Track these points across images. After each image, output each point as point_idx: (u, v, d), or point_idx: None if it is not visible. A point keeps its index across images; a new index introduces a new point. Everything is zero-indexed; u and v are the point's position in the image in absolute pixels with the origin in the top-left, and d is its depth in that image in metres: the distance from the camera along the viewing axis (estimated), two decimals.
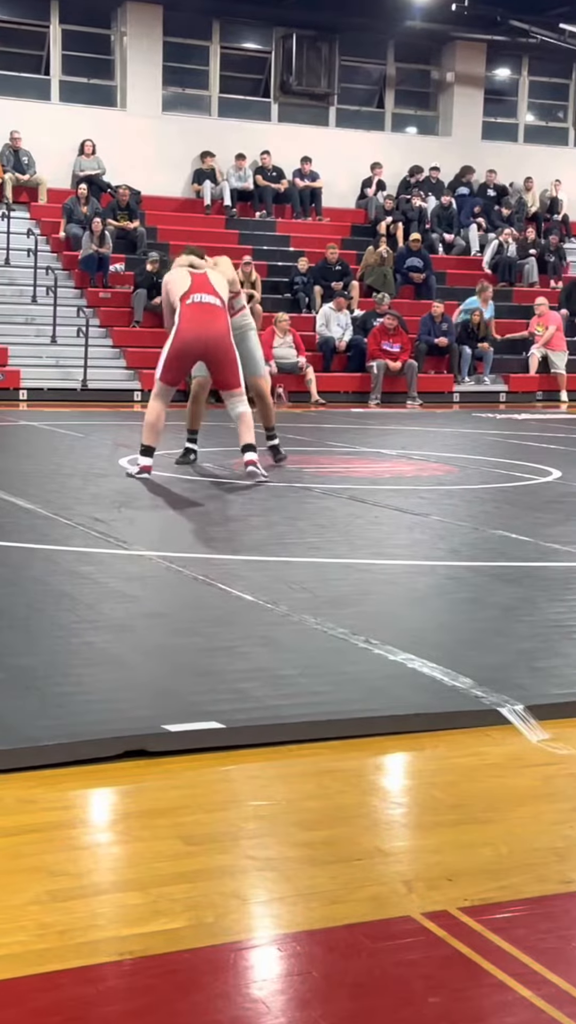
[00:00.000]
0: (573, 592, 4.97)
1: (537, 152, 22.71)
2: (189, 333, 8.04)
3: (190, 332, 8.04)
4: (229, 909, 2.26)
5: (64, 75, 19.95)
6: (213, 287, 8.22)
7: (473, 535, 6.27)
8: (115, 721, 3.18)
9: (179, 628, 4.20)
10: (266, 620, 4.29)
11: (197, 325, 8.04)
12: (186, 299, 8.13)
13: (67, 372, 16.36)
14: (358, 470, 9.18)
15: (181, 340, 8.05)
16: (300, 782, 2.93)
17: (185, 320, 8.06)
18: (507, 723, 3.31)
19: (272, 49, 21.08)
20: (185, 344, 8.05)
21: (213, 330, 8.03)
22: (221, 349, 8.09)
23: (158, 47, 20.08)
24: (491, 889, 2.36)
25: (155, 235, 18.92)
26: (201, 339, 8.03)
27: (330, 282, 18.53)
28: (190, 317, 8.06)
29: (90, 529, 6.00)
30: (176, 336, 8.09)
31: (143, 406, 15.68)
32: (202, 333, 8.03)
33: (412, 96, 22.49)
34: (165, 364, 8.18)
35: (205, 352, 8.14)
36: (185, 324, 8.05)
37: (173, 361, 8.16)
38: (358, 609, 4.49)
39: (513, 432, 13.11)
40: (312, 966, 2.07)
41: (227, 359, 8.15)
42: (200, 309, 8.07)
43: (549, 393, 18.67)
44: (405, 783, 3.10)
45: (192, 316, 8.06)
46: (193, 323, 8.04)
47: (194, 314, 8.06)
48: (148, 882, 2.36)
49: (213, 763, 3.02)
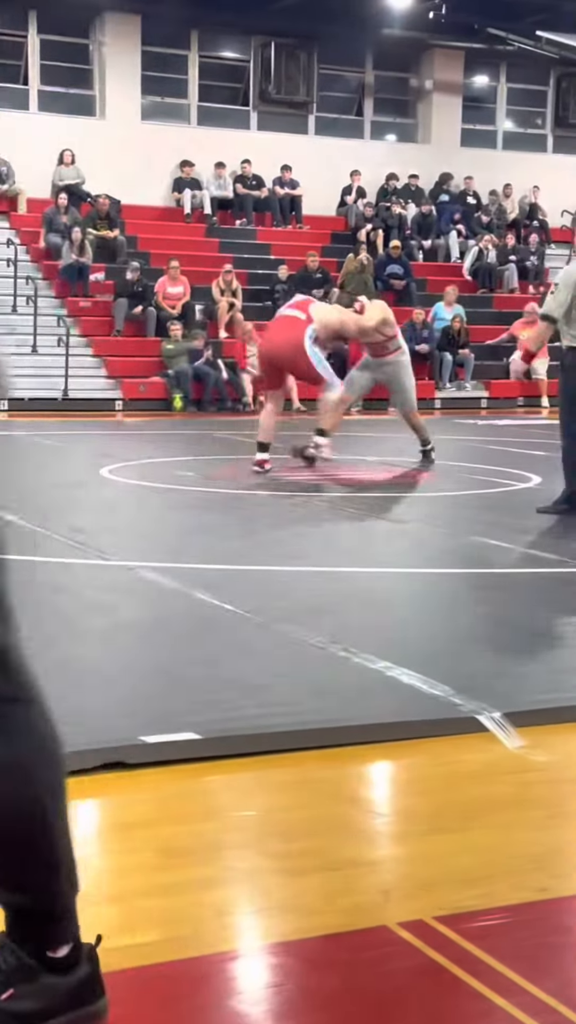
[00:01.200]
0: (552, 599, 4.98)
1: (515, 159, 22.78)
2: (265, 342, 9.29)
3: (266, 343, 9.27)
4: (205, 921, 2.25)
5: (43, 85, 19.94)
6: (298, 303, 9.29)
7: (453, 542, 6.28)
8: (92, 733, 3.17)
9: (157, 638, 4.20)
10: (245, 629, 4.29)
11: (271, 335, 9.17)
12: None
13: (48, 382, 16.31)
14: (339, 477, 9.19)
15: (262, 350, 9.49)
16: (278, 792, 2.93)
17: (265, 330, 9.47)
18: (485, 731, 3.32)
19: (251, 58, 21.10)
20: (264, 352, 9.30)
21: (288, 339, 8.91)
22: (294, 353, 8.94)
23: (136, 56, 20.08)
24: (468, 898, 2.36)
25: (135, 244, 18.91)
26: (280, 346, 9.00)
27: (310, 290, 18.50)
28: (268, 327, 9.42)
29: (70, 540, 5.99)
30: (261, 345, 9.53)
31: (124, 415, 15.73)
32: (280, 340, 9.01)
33: (391, 104, 22.55)
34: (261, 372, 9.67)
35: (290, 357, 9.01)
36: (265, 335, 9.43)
37: (264, 369, 9.61)
38: (337, 618, 4.50)
39: (494, 438, 13.14)
40: (288, 978, 2.07)
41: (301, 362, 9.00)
42: (280, 321, 9.15)
43: (530, 399, 18.72)
44: (383, 792, 3.11)
45: (271, 326, 9.29)
46: (269, 333, 9.22)
47: (273, 325, 9.25)
48: (124, 895, 2.36)
49: (190, 774, 3.01)
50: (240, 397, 16.58)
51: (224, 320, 17.66)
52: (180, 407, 16.13)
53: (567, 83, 23.05)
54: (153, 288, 17.44)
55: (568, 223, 22.70)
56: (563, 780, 3.04)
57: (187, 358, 16.42)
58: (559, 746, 3.26)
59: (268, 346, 9.16)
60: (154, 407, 16.24)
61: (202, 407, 16.31)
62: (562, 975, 2.09)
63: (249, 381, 16.63)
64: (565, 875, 2.49)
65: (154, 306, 17.28)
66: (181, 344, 16.55)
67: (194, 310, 17.48)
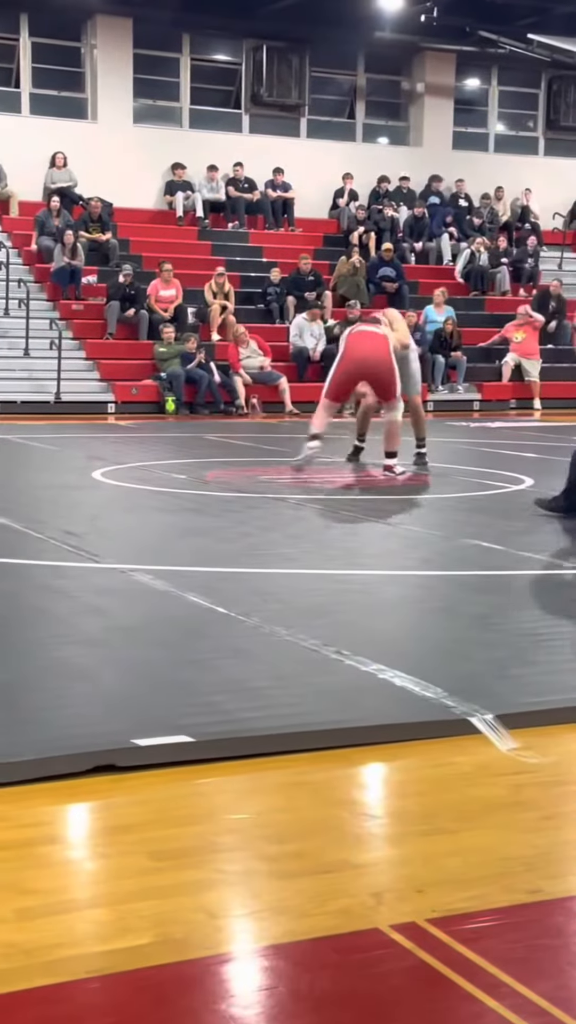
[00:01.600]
0: (545, 601, 4.99)
1: (507, 161, 22.81)
2: (357, 352, 9.18)
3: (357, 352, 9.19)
4: (197, 924, 2.25)
5: (35, 88, 19.93)
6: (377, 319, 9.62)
7: (445, 544, 6.28)
8: (85, 736, 3.17)
9: (150, 641, 4.20)
10: (238, 632, 4.28)
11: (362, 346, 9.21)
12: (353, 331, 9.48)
13: (40, 385, 16.31)
14: (332, 480, 9.19)
15: (349, 358, 9.19)
16: (270, 795, 2.93)
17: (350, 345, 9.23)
18: (478, 733, 3.32)
19: (242, 61, 21.11)
20: (352, 362, 9.20)
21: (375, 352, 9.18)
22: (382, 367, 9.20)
23: (128, 59, 20.08)
24: (460, 900, 2.36)
25: (127, 247, 18.91)
26: (368, 358, 9.17)
27: (303, 292, 18.56)
28: (353, 341, 9.23)
29: (62, 543, 5.98)
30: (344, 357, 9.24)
31: (117, 418, 15.71)
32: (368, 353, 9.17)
33: (383, 107, 22.57)
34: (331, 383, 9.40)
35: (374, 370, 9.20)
36: (351, 347, 9.20)
37: (342, 379, 9.32)
38: (330, 620, 4.50)
39: (486, 440, 13.15)
40: (279, 980, 2.07)
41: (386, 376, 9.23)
42: (366, 334, 9.31)
43: (523, 401, 18.73)
44: (375, 794, 3.11)
45: (358, 339, 9.28)
46: (359, 346, 9.21)
47: (360, 338, 9.30)
48: (117, 898, 2.36)
49: (183, 777, 3.01)
50: (233, 400, 16.59)
51: (217, 323, 17.66)
52: (172, 410, 16.13)
53: (558, 86, 23.09)
54: (145, 291, 17.44)
55: (560, 225, 22.73)
56: (555, 782, 3.04)
57: (180, 361, 16.42)
58: (551, 748, 3.27)
59: (361, 356, 9.11)
60: (147, 410, 16.23)
61: (195, 410, 16.31)
62: (555, 977, 2.09)
63: (241, 384, 16.64)
64: (557, 877, 2.49)
65: (146, 309, 17.28)
66: (174, 347, 16.55)
67: (186, 313, 17.48)
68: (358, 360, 9.16)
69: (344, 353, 9.23)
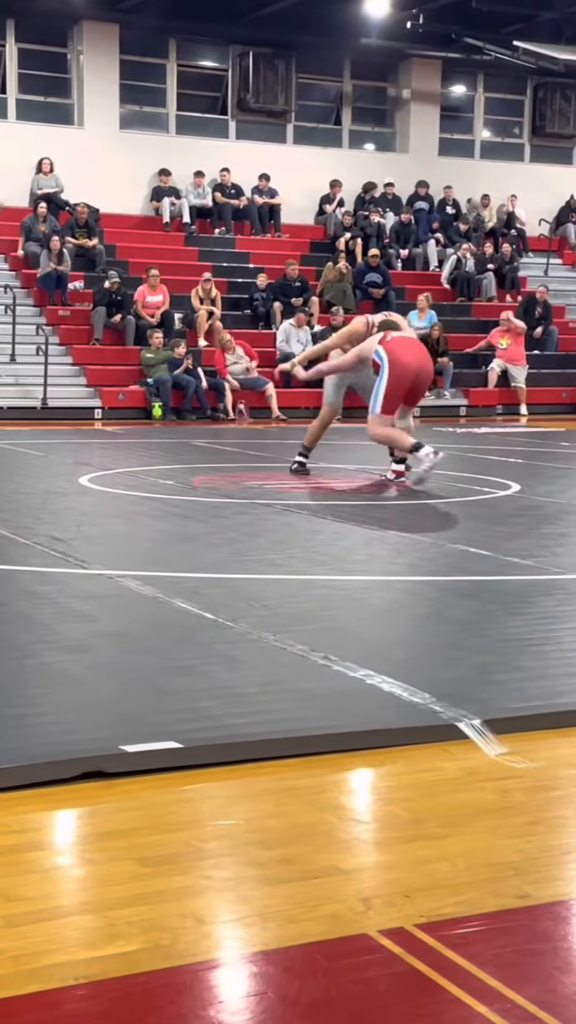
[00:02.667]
0: (531, 606, 4.99)
1: (493, 168, 22.90)
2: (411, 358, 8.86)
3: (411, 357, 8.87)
4: (185, 931, 2.25)
5: (20, 93, 19.92)
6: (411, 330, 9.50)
7: (432, 549, 6.29)
8: (72, 743, 3.16)
9: (138, 647, 4.19)
10: (226, 638, 4.28)
11: (413, 353, 8.91)
12: (385, 338, 8.91)
13: (27, 390, 16.29)
14: (319, 485, 9.20)
15: (403, 368, 8.77)
16: (258, 801, 2.93)
17: (399, 349, 8.81)
18: (465, 738, 3.32)
19: (229, 67, 21.14)
20: (411, 367, 8.84)
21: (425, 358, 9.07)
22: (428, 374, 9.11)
23: (115, 65, 20.09)
24: (448, 905, 2.36)
25: (114, 253, 18.91)
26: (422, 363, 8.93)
27: (290, 298, 18.58)
28: (399, 348, 8.81)
29: (49, 549, 5.97)
30: (395, 368, 8.73)
31: (104, 424, 15.71)
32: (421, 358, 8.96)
33: (369, 113, 22.63)
34: (387, 399, 8.78)
35: (421, 372, 8.94)
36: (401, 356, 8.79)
37: (398, 390, 8.84)
38: (318, 625, 4.50)
39: (473, 446, 13.17)
40: (268, 986, 2.06)
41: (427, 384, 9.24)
42: (408, 340, 9.08)
43: (509, 407, 18.78)
44: (363, 800, 3.11)
45: (403, 346, 8.87)
46: (408, 353, 8.86)
47: (404, 344, 8.93)
48: (104, 905, 2.35)
49: (171, 783, 3.01)
50: (219, 405, 16.60)
51: (203, 329, 17.67)
52: (159, 416, 16.12)
53: (544, 93, 23.18)
54: (132, 297, 17.43)
55: (546, 232, 22.81)
56: (543, 787, 3.05)
57: (167, 367, 16.42)
58: (539, 753, 3.27)
59: (416, 366, 8.80)
60: (133, 416, 16.23)
61: (182, 416, 16.31)
62: (542, 981, 2.09)
63: (229, 390, 16.65)
64: (545, 882, 2.50)
65: (133, 315, 17.27)
66: (161, 353, 16.55)
67: (173, 319, 17.48)
68: (413, 370, 8.78)
69: (392, 364, 8.70)
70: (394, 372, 8.70)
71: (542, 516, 7.60)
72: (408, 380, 8.79)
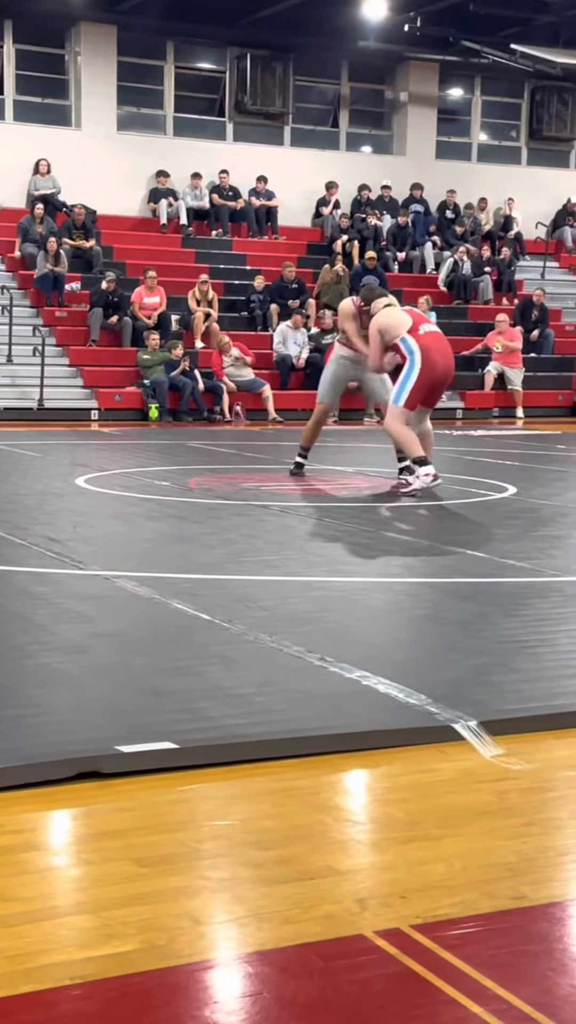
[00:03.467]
0: (527, 608, 5.00)
1: (490, 171, 22.92)
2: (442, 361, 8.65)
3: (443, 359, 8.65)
4: (181, 931, 2.25)
5: (18, 94, 19.92)
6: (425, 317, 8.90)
7: (429, 551, 6.29)
8: (68, 743, 3.16)
9: (134, 648, 4.19)
10: (222, 639, 4.28)
11: (443, 353, 8.68)
12: (417, 330, 8.64)
13: (23, 391, 16.28)
14: (316, 487, 9.20)
15: (432, 367, 8.53)
16: (255, 801, 2.93)
17: (432, 349, 8.58)
18: (461, 739, 3.32)
19: (227, 69, 21.15)
20: (443, 370, 8.67)
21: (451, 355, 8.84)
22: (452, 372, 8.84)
23: (112, 66, 20.09)
24: (444, 906, 2.36)
25: (111, 254, 18.91)
26: (451, 366, 8.76)
27: (286, 300, 18.58)
28: (432, 346, 8.57)
29: (45, 549, 5.97)
30: (425, 365, 8.51)
31: (100, 425, 15.70)
32: (448, 359, 8.75)
33: (366, 116, 22.64)
34: (412, 393, 8.57)
35: (447, 375, 8.74)
36: (433, 354, 8.56)
37: (434, 386, 8.68)
38: (314, 627, 4.50)
39: (469, 448, 13.18)
40: (264, 987, 2.06)
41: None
42: (439, 337, 8.76)
43: (505, 409, 18.79)
44: (359, 801, 3.11)
45: (435, 344, 8.63)
46: (439, 353, 8.64)
47: (436, 342, 8.66)
48: (100, 905, 2.35)
49: (167, 784, 3.01)
50: (215, 406, 16.60)
51: (200, 330, 17.67)
52: (156, 417, 16.12)
53: (541, 96, 23.21)
54: (129, 298, 17.43)
55: (542, 235, 22.83)
56: (539, 788, 3.05)
57: (163, 368, 16.42)
58: (535, 754, 3.27)
59: (443, 367, 8.62)
60: (130, 417, 16.23)
61: (178, 417, 16.31)
62: (538, 982, 2.09)
63: (226, 392, 16.65)
64: (541, 883, 2.50)
65: (130, 316, 17.27)
66: (157, 354, 16.55)
67: (170, 320, 17.48)
68: (440, 372, 8.58)
69: (425, 361, 8.47)
70: (425, 370, 8.52)
71: (538, 519, 7.61)
72: (435, 381, 8.66)
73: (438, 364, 8.58)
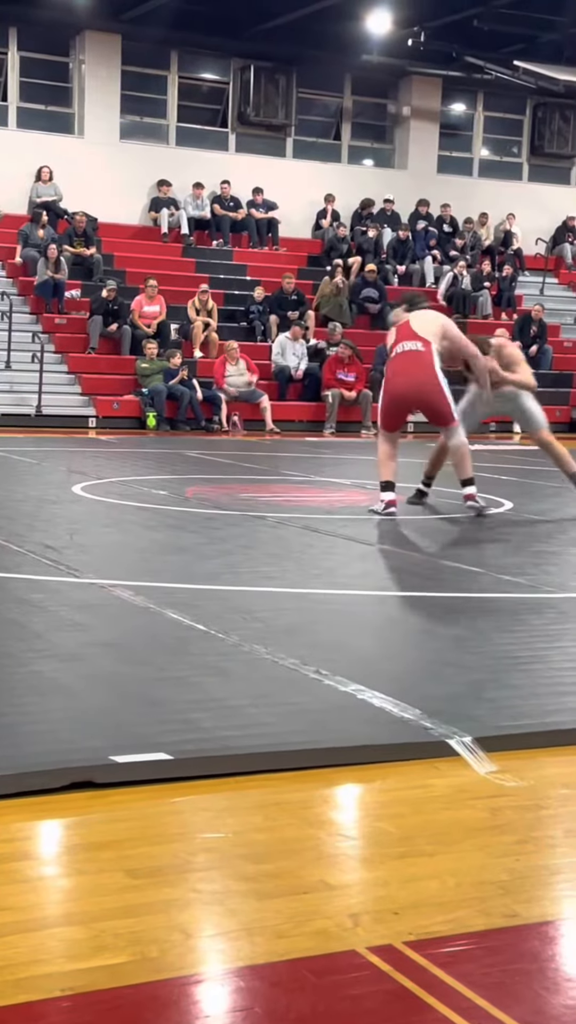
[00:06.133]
0: (523, 623, 4.99)
1: (491, 186, 22.98)
2: (399, 383, 8.27)
3: (399, 382, 8.27)
4: (173, 944, 2.24)
5: (22, 102, 19.96)
6: (415, 332, 8.38)
7: (425, 565, 6.29)
8: (62, 752, 3.15)
9: (129, 658, 4.18)
10: (217, 650, 4.27)
11: (406, 374, 8.26)
12: (393, 349, 8.43)
13: (21, 398, 16.28)
14: (312, 499, 9.20)
15: (391, 391, 8.29)
16: (248, 814, 2.92)
17: (391, 372, 8.36)
18: (455, 755, 3.32)
19: (230, 80, 21.20)
20: (395, 394, 8.30)
21: (418, 377, 8.23)
22: (427, 391, 8.27)
23: (116, 76, 20.14)
24: (437, 923, 2.36)
25: (112, 262, 18.93)
26: (412, 387, 8.25)
27: (286, 311, 18.61)
28: (396, 368, 8.31)
29: (41, 557, 5.96)
30: (385, 387, 8.34)
31: (98, 433, 15.70)
32: (411, 381, 8.24)
33: (368, 129, 22.70)
34: (382, 413, 8.44)
35: (418, 397, 8.35)
36: (391, 376, 8.34)
37: (389, 410, 8.39)
38: (309, 639, 4.49)
39: None
40: (255, 1001, 2.05)
41: (435, 399, 8.31)
42: (407, 357, 8.28)
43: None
44: (352, 815, 3.10)
45: (399, 367, 8.30)
46: (400, 374, 8.28)
47: (401, 363, 8.30)
48: (92, 916, 2.34)
49: (161, 795, 3.00)
50: (215, 417, 16.61)
51: (199, 340, 17.69)
52: (153, 426, 16.12)
53: (543, 113, 23.28)
54: (129, 306, 17.45)
55: (542, 251, 22.88)
56: (533, 806, 3.04)
57: (162, 377, 16.43)
58: (529, 771, 3.27)
59: (401, 388, 8.22)
60: (127, 425, 16.23)
61: (175, 426, 16.31)
62: (530, 1002, 2.08)
63: (225, 402, 16.66)
64: (534, 901, 2.49)
65: (130, 324, 17.29)
66: (156, 363, 16.56)
67: (169, 329, 17.50)
68: (400, 393, 8.23)
69: (386, 379, 8.34)
70: (385, 391, 8.42)
71: (535, 534, 7.61)
72: (392, 402, 8.35)
73: (398, 385, 8.26)
